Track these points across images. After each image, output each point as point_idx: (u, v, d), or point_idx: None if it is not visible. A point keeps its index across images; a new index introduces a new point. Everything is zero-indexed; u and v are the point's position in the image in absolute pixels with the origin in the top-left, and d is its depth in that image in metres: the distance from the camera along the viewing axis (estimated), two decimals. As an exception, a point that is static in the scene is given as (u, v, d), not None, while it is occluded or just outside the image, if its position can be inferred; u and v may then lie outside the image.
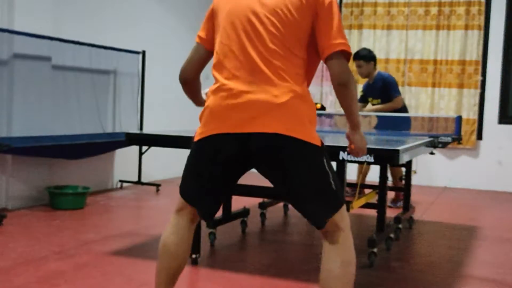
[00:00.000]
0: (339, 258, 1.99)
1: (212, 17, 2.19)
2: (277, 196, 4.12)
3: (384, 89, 5.52)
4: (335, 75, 1.97)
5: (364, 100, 5.78)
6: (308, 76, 2.09)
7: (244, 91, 1.94)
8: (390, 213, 4.56)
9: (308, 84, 2.11)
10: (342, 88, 1.98)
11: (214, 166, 2.05)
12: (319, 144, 2.00)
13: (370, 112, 5.59)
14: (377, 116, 5.51)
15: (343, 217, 2.04)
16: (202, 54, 2.23)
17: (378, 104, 5.61)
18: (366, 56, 5.48)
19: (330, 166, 2.03)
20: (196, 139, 2.09)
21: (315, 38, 1.99)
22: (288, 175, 1.98)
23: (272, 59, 1.94)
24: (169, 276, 2.20)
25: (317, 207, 2.00)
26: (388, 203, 5.42)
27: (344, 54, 1.97)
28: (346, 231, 2.04)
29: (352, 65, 5.82)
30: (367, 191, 5.16)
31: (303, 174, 1.96)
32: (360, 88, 6.01)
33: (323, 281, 2.01)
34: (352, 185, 5.16)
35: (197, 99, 2.35)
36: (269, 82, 1.94)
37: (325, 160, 2.01)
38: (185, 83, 2.27)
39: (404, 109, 5.69)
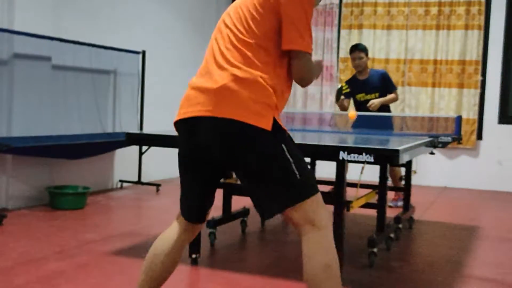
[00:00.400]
0: (318, 260, 1.91)
1: None
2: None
3: (384, 84, 5.57)
4: (294, 72, 2.06)
5: (351, 95, 5.74)
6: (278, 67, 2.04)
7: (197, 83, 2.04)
8: (390, 213, 4.57)
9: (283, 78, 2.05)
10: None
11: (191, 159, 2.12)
12: (268, 128, 1.92)
13: (377, 104, 5.52)
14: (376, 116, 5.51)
15: (316, 212, 1.94)
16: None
17: (375, 97, 5.61)
18: (366, 49, 5.59)
19: (292, 152, 1.96)
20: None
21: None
22: (232, 158, 1.97)
23: (225, 49, 2.01)
24: (150, 283, 2.16)
25: (268, 196, 1.94)
26: (388, 203, 5.43)
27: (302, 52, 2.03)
28: (323, 230, 1.94)
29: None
30: (367, 191, 5.15)
31: (257, 162, 1.92)
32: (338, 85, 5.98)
33: (309, 285, 1.94)
34: (352, 185, 5.15)
35: None
36: (215, 70, 2.00)
37: (283, 146, 1.94)
38: None
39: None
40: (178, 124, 2.08)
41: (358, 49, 5.56)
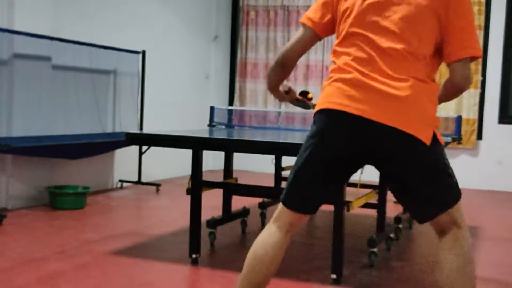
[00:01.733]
0: (460, 257, 1.93)
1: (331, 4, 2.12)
2: (277, 196, 4.12)
3: None
4: (457, 82, 1.99)
5: None
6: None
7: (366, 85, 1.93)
8: (390, 213, 4.56)
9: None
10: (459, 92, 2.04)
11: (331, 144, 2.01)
12: (433, 140, 1.95)
13: None
14: None
15: (460, 213, 1.98)
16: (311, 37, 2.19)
17: None
18: None
19: (447, 159, 2.01)
20: (321, 107, 2.05)
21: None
22: (408, 174, 1.95)
23: (392, 56, 1.93)
24: (253, 285, 2.06)
25: (436, 197, 1.95)
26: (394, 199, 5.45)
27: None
28: (463, 229, 1.97)
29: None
30: (367, 191, 5.15)
31: (423, 174, 1.94)
32: None
33: (449, 284, 1.93)
34: (352, 185, 5.15)
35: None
36: (389, 79, 1.91)
37: (444, 155, 1.99)
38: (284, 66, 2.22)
39: None
40: (336, 114, 1.95)
41: None
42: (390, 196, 5.04)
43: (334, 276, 3.08)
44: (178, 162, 6.92)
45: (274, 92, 2.34)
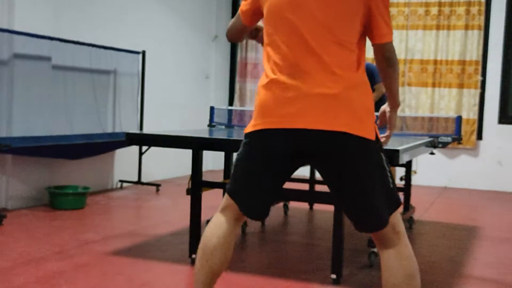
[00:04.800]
0: (401, 271, 1.91)
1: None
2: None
3: (368, 76, 5.57)
4: (387, 58, 1.99)
5: None
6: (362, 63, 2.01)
7: (293, 85, 1.90)
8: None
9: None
10: (390, 69, 2.01)
11: (266, 161, 1.99)
12: (375, 137, 1.94)
13: None
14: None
15: (399, 220, 1.96)
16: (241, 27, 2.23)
17: None
18: None
19: (386, 161, 1.97)
20: (248, 131, 2.03)
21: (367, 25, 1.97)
22: (347, 175, 1.91)
23: (321, 49, 1.90)
24: (210, 276, 2.08)
25: (378, 207, 1.92)
26: None
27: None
28: (404, 237, 1.95)
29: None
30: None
31: (364, 173, 1.90)
32: None
33: None
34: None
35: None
36: (318, 74, 1.89)
37: (382, 155, 1.96)
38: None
39: (384, 97, 5.79)
40: (269, 132, 1.95)
41: None
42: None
43: (334, 276, 3.08)
44: (178, 162, 6.92)
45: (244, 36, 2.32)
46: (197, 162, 3.33)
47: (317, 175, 5.25)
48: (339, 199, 2.01)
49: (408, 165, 4.69)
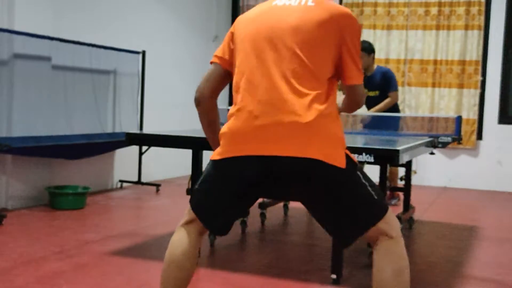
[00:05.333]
0: (390, 267, 1.95)
1: (231, 39, 2.13)
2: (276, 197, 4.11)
3: (384, 83, 5.60)
4: (356, 101, 2.15)
5: None
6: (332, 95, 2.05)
7: (262, 114, 1.91)
8: (390, 213, 4.56)
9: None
10: (355, 108, 2.19)
11: (235, 188, 2.01)
12: (347, 162, 1.96)
13: (371, 113, 5.64)
14: (375, 116, 5.57)
15: (390, 224, 2.01)
16: (221, 73, 2.18)
17: (375, 95, 5.66)
18: (367, 48, 5.56)
19: (365, 176, 2.01)
20: (215, 158, 2.03)
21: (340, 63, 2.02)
22: (319, 200, 1.98)
23: (292, 79, 1.92)
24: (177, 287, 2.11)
25: (351, 226, 1.99)
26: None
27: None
28: (396, 238, 2.01)
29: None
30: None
31: (343, 198, 1.96)
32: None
33: None
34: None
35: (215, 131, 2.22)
36: (288, 105, 1.90)
37: (359, 174, 2.00)
38: (199, 103, 2.17)
39: (397, 105, 5.81)
40: (239, 160, 1.95)
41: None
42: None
43: (334, 276, 3.08)
44: (178, 162, 6.92)
45: (213, 145, 2.24)
46: (197, 162, 3.34)
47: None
48: (315, 217, 2.07)
49: (408, 165, 4.69)
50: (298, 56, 1.91)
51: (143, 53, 6.13)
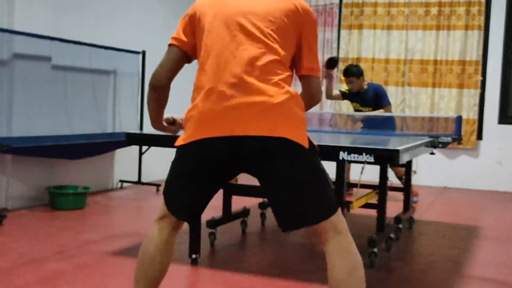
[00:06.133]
0: (343, 266, 1.93)
1: (192, 21, 2.13)
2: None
3: (376, 99, 5.85)
4: (312, 94, 2.12)
5: (347, 98, 6.06)
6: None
7: (233, 94, 1.92)
8: (390, 213, 4.56)
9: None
10: (313, 104, 2.15)
11: (202, 171, 2.01)
12: (309, 145, 1.99)
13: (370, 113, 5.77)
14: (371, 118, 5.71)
15: (340, 220, 1.99)
16: (179, 57, 2.19)
17: (368, 111, 5.92)
18: (356, 73, 5.82)
19: (323, 168, 2.02)
20: (180, 143, 2.03)
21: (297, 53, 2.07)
22: (283, 178, 1.95)
23: (263, 61, 1.94)
24: (148, 285, 2.13)
25: (309, 209, 1.96)
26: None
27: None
28: (345, 234, 1.98)
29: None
30: (367, 191, 5.16)
31: (299, 177, 1.94)
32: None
33: None
34: (352, 185, 5.17)
35: (160, 115, 2.24)
36: (259, 85, 1.93)
37: (319, 161, 2.02)
38: (156, 88, 2.16)
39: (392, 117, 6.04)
40: (205, 142, 1.96)
41: (347, 76, 5.81)
42: (390, 196, 5.06)
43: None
44: (178, 162, 6.90)
45: (160, 128, 2.27)
46: (197, 162, 3.33)
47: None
48: (270, 200, 2.02)
49: (408, 165, 4.69)
50: (269, 40, 1.96)
51: (143, 53, 6.13)
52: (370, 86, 5.88)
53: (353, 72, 5.75)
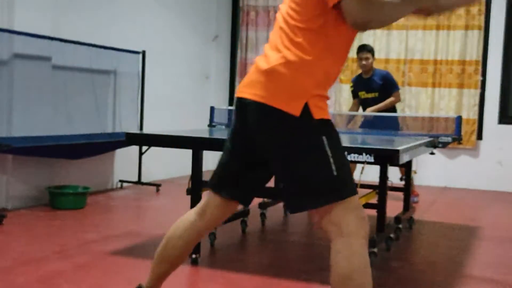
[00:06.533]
0: (337, 270, 1.82)
1: None
2: (277, 196, 4.12)
3: (386, 84, 5.79)
4: (353, 23, 1.79)
5: (355, 95, 6.03)
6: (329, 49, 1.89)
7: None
8: (390, 213, 4.56)
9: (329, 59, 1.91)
10: (369, 27, 1.81)
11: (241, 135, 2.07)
12: (309, 118, 1.83)
13: (373, 112, 5.72)
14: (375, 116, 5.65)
15: (345, 217, 1.81)
16: None
17: (374, 97, 5.79)
18: (372, 50, 5.83)
19: (333, 146, 1.82)
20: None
21: None
22: (265, 151, 1.93)
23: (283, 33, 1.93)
24: (164, 267, 2.22)
25: (292, 191, 1.86)
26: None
27: None
28: (347, 237, 1.81)
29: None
30: (367, 191, 5.16)
31: (281, 151, 1.86)
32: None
33: None
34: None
35: None
36: (267, 53, 1.96)
37: (324, 138, 1.82)
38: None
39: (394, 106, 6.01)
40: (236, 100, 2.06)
41: (365, 50, 5.80)
42: (390, 196, 5.06)
43: (334, 276, 3.08)
44: (178, 162, 6.91)
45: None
46: (197, 162, 3.34)
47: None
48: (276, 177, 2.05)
49: (408, 165, 4.69)
50: (289, 8, 1.92)
51: (143, 53, 6.13)
52: (378, 72, 5.86)
53: (369, 48, 5.77)
